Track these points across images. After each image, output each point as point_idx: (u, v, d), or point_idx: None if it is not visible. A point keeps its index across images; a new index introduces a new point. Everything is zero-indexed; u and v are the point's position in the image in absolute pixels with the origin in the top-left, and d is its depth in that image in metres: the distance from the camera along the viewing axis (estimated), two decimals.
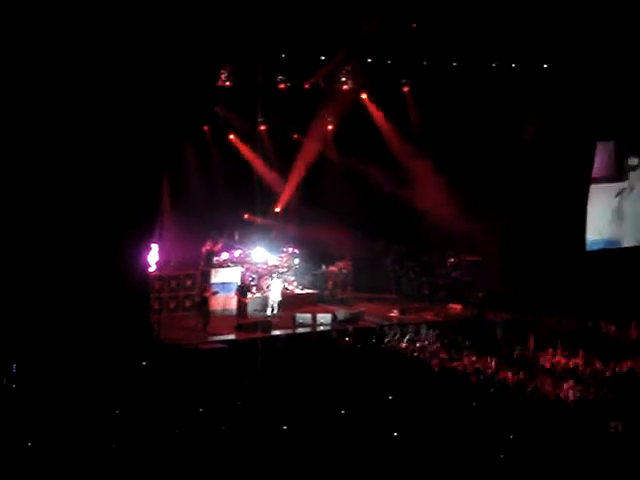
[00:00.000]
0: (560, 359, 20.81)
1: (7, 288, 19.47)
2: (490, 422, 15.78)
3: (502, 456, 14.20)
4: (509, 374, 19.44)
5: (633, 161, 28.82)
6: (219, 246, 27.16)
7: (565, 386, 18.54)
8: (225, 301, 26.01)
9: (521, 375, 19.44)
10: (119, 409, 15.72)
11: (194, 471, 13.74)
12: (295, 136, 29.25)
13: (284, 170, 29.09)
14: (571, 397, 17.99)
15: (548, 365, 20.62)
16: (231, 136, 28.97)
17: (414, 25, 24.06)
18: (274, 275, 27.05)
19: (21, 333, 19.21)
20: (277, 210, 29.56)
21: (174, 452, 14.22)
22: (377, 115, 28.58)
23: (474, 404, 16.91)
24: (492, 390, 18.27)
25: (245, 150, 28.94)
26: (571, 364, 20.42)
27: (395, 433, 14.94)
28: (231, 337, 23.55)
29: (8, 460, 13.54)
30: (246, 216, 28.94)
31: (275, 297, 25.82)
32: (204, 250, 26.88)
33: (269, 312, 25.50)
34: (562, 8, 23.44)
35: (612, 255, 28.25)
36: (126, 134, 20.36)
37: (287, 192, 29.34)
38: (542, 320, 24.14)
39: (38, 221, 19.78)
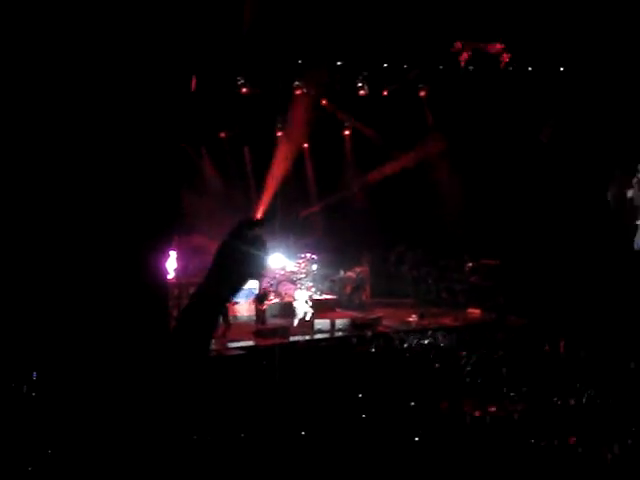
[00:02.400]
0: None
1: (27, 295, 19.51)
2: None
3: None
4: None
5: None
6: None
7: None
8: (248, 307, 26.12)
9: None
10: (139, 416, 15.72)
11: (213, 478, 13.70)
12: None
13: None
14: None
15: None
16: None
17: None
18: (300, 286, 27.06)
19: (40, 340, 19.25)
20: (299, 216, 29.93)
21: (193, 458, 14.20)
22: None
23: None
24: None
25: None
26: None
27: (416, 438, 14.85)
28: (250, 343, 23.55)
29: (29, 468, 13.54)
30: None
31: (302, 306, 25.87)
32: None
33: (296, 322, 25.51)
34: (578, 9, 23.35)
35: None
36: (145, 141, 20.39)
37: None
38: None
39: (56, 228, 19.80)
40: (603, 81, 25.31)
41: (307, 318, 25.62)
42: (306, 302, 26.03)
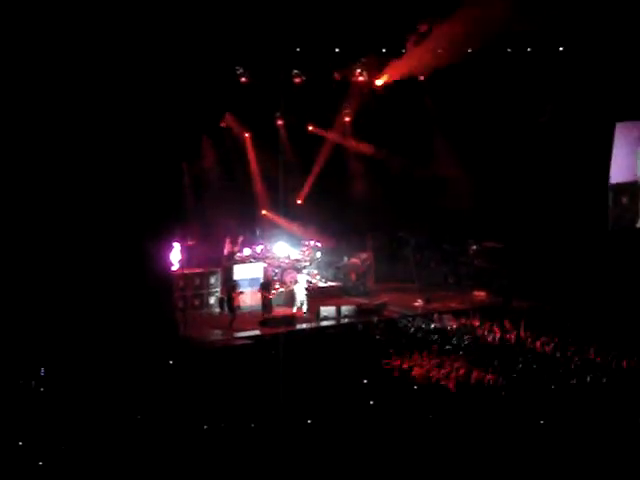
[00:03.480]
0: None
1: (32, 290, 19.64)
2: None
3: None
4: None
5: None
6: (238, 246, 27.17)
7: None
8: (252, 297, 26.04)
9: None
10: (146, 408, 15.82)
11: (222, 467, 13.80)
12: (310, 129, 29.46)
13: (302, 163, 29.18)
14: None
15: None
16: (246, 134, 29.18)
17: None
18: (302, 271, 27.13)
19: (47, 336, 19.38)
20: (299, 202, 29.66)
21: (202, 447, 14.31)
22: None
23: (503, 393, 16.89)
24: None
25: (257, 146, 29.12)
26: None
27: (422, 424, 14.94)
28: (256, 333, 23.63)
29: (38, 462, 13.67)
30: (264, 212, 29.14)
31: (301, 293, 25.92)
32: (226, 252, 26.88)
33: (295, 309, 25.54)
34: None
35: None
36: (145, 134, 20.49)
37: (308, 184, 29.55)
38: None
39: (61, 221, 19.95)
40: (602, 61, 25.23)
41: (304, 308, 25.68)
42: (305, 289, 26.08)
